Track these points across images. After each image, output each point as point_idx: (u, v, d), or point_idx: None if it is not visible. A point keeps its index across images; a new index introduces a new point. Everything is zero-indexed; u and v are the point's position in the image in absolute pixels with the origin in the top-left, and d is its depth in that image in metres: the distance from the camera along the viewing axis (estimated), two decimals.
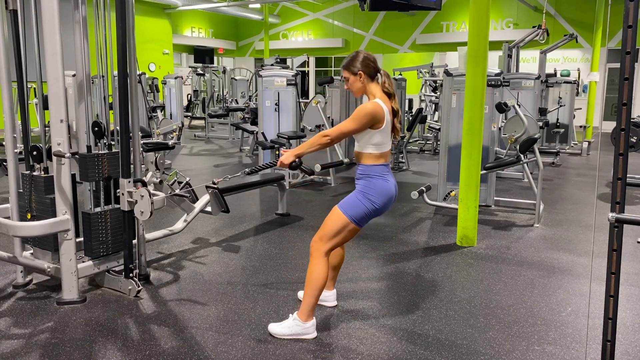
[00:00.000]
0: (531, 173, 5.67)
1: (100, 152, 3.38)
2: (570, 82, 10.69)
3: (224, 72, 16.47)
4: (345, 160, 6.88)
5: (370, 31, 19.57)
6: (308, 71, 21.20)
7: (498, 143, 6.57)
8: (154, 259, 4.10)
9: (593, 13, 13.21)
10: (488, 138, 5.72)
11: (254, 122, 8.99)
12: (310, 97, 10.23)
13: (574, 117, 10.88)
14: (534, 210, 5.40)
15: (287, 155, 2.82)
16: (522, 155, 5.36)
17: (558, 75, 12.26)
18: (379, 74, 2.80)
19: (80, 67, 3.34)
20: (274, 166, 2.94)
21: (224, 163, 9.12)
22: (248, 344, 2.78)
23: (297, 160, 2.83)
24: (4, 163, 4.17)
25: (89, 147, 3.36)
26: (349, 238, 2.85)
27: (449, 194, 5.61)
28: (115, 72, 3.32)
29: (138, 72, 5.01)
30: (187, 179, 4.13)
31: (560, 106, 10.40)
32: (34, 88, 8.28)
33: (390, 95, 2.80)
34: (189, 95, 16.48)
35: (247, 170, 3.44)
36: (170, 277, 3.75)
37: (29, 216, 3.35)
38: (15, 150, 3.39)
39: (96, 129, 3.35)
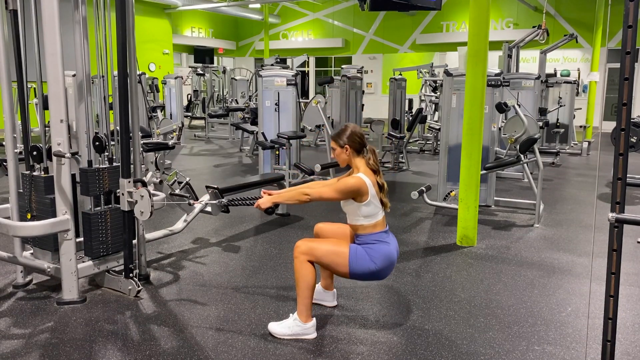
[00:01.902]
0: (531, 173, 5.67)
1: (101, 166, 3.37)
2: (570, 82, 10.69)
3: (224, 72, 16.48)
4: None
5: (370, 31, 19.57)
6: (308, 71, 21.20)
7: (498, 143, 6.58)
8: (154, 259, 4.10)
9: (593, 13, 13.21)
10: (488, 138, 5.72)
11: (254, 122, 8.99)
12: (310, 97, 10.23)
13: (574, 117, 10.88)
14: (534, 210, 5.40)
15: (265, 200, 2.90)
16: (522, 155, 5.36)
17: (558, 75, 12.26)
18: (365, 149, 2.89)
19: (80, 67, 3.33)
20: (252, 205, 3.03)
21: (224, 163, 9.12)
22: (248, 344, 2.78)
23: (272, 207, 2.94)
24: (4, 163, 4.17)
25: (90, 162, 3.36)
26: (330, 272, 2.93)
27: (449, 194, 5.61)
28: (115, 72, 3.32)
29: (138, 72, 5.01)
30: (187, 179, 4.13)
31: (560, 106, 10.40)
32: (34, 88, 8.27)
33: (375, 171, 2.87)
34: (189, 95, 16.48)
35: (224, 201, 3.52)
36: (170, 277, 3.75)
37: (29, 216, 3.35)
38: (15, 150, 3.39)
39: (97, 143, 3.35)
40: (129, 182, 3.17)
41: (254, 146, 9.52)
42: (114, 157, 3.45)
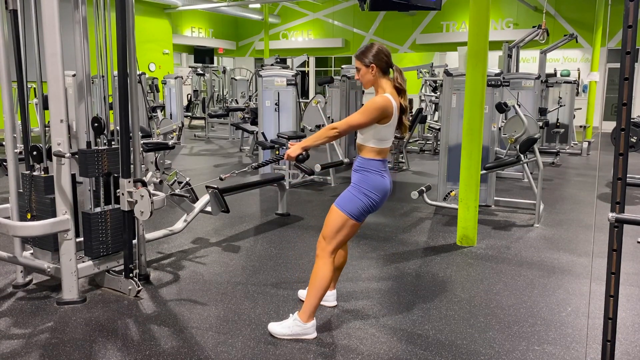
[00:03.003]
0: (531, 173, 5.67)
1: (100, 147, 3.37)
2: (570, 82, 10.69)
3: (224, 72, 16.48)
4: (345, 160, 6.88)
5: (370, 31, 19.57)
6: (308, 71, 21.20)
7: (498, 143, 6.57)
8: (154, 259, 4.10)
9: (593, 13, 13.21)
10: (488, 138, 5.72)
11: (254, 122, 9.00)
12: (310, 97, 10.23)
13: (574, 117, 10.88)
14: (534, 210, 5.40)
15: (294, 148, 2.79)
16: (522, 155, 5.36)
17: (558, 75, 12.26)
18: (391, 69, 2.77)
19: (80, 67, 3.34)
20: (281, 159, 2.94)
21: (224, 163, 9.12)
22: (248, 344, 2.78)
23: (304, 153, 2.81)
24: (4, 163, 4.17)
25: (88, 143, 3.36)
26: (351, 234, 2.85)
27: (449, 194, 5.61)
28: (115, 72, 3.32)
29: (138, 72, 5.01)
30: (187, 179, 4.13)
31: (560, 106, 10.40)
32: (34, 88, 8.27)
33: (400, 91, 2.77)
34: (189, 95, 16.48)
35: (254, 164, 3.45)
36: (170, 277, 3.75)
37: (29, 216, 3.35)
38: (15, 150, 3.39)
39: (96, 124, 3.35)
40: (129, 182, 3.17)
41: (254, 146, 9.52)
42: (113, 139, 3.44)
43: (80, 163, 3.30)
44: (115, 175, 3.37)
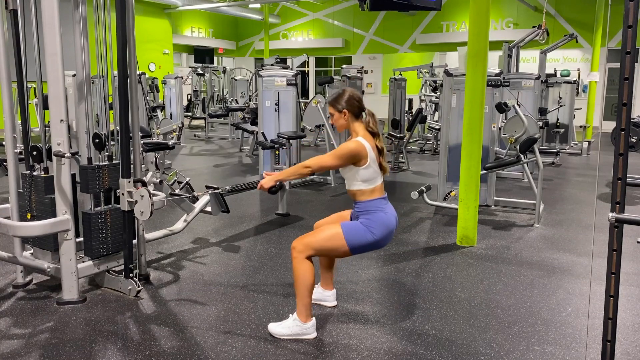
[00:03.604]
0: (531, 173, 5.67)
1: (100, 163, 3.37)
2: (570, 82, 10.69)
3: (224, 72, 16.48)
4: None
5: (370, 31, 19.57)
6: (308, 71, 21.20)
7: (498, 143, 6.58)
8: (154, 259, 4.10)
9: (593, 13, 13.20)
10: (488, 138, 5.72)
11: (254, 122, 9.00)
12: (310, 97, 10.23)
13: (574, 117, 10.88)
14: (534, 210, 5.40)
15: (268, 180, 2.89)
16: (522, 155, 5.36)
17: (558, 75, 12.26)
18: (363, 113, 2.86)
19: (80, 67, 3.34)
20: (255, 188, 3.01)
21: (224, 163, 9.12)
22: (248, 344, 2.78)
23: (276, 185, 2.92)
24: (4, 163, 4.17)
25: (89, 159, 3.36)
26: (334, 257, 2.89)
27: (449, 194, 5.61)
28: (115, 72, 3.32)
29: (138, 72, 5.01)
30: (187, 179, 4.13)
31: (560, 106, 10.40)
32: (34, 88, 8.27)
33: (374, 134, 2.84)
34: (189, 95, 16.48)
35: (227, 188, 3.50)
36: (170, 277, 3.75)
37: (29, 216, 3.35)
38: (15, 150, 3.39)
39: (97, 140, 3.35)
40: (129, 182, 3.17)
41: (254, 146, 9.52)
42: (114, 155, 3.44)
43: (81, 179, 3.31)
44: (116, 189, 3.36)
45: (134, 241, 3.51)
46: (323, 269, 3.21)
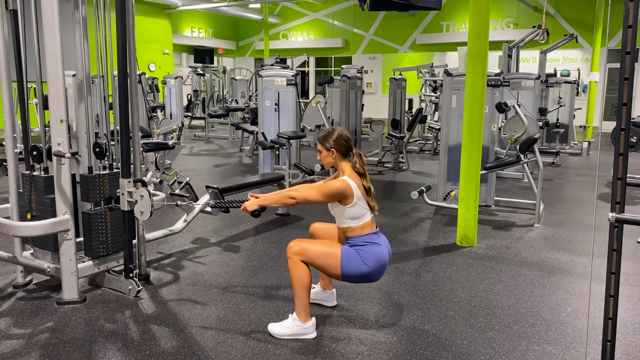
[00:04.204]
0: (531, 173, 5.67)
1: (101, 172, 3.37)
2: (570, 82, 10.69)
3: (224, 72, 16.47)
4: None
5: (370, 31, 19.58)
6: (308, 71, 21.20)
7: (498, 143, 6.58)
8: (154, 259, 4.10)
9: (593, 13, 13.21)
10: (488, 138, 5.72)
11: (254, 122, 9.00)
12: (310, 97, 10.23)
13: (574, 117, 10.88)
14: (534, 210, 5.40)
15: (251, 203, 2.91)
16: (522, 155, 5.36)
17: (558, 75, 12.26)
18: (351, 153, 2.88)
19: (80, 67, 3.34)
20: (238, 207, 3.04)
21: (224, 163, 9.12)
22: (248, 344, 2.78)
23: (259, 210, 2.96)
24: (4, 163, 4.17)
25: (90, 168, 3.37)
26: (322, 272, 2.92)
27: (449, 194, 5.61)
28: (115, 72, 3.32)
29: (138, 72, 5.01)
30: (187, 179, 4.13)
31: (560, 106, 10.40)
32: (34, 88, 8.27)
33: (361, 175, 2.86)
34: (189, 95, 16.48)
35: (212, 203, 3.52)
36: (170, 277, 3.75)
37: (29, 216, 3.35)
38: (15, 150, 3.39)
39: (97, 149, 3.35)
40: (129, 182, 3.17)
41: (254, 146, 9.52)
42: (114, 163, 3.45)
43: (81, 188, 3.31)
44: (117, 198, 3.36)
45: (134, 241, 3.51)
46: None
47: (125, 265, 3.35)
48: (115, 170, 3.41)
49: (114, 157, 3.46)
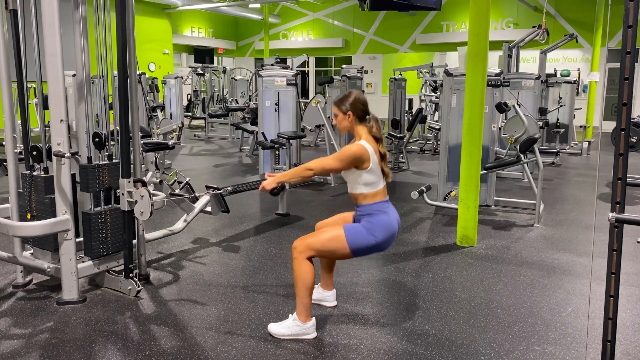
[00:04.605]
0: (531, 173, 5.67)
1: (100, 162, 3.37)
2: (570, 82, 10.69)
3: (224, 72, 16.48)
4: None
5: (370, 31, 19.57)
6: (308, 71, 21.20)
7: (498, 143, 6.58)
8: (154, 259, 4.10)
9: (593, 13, 13.21)
10: (488, 138, 5.72)
11: (254, 122, 9.00)
12: (310, 97, 10.23)
13: (574, 117, 10.88)
14: (534, 210, 5.40)
15: (269, 182, 2.86)
16: (522, 155, 5.36)
17: (558, 75, 12.26)
18: (368, 117, 2.85)
19: (80, 67, 3.33)
20: (256, 188, 3.00)
21: (224, 163, 9.12)
22: (248, 344, 2.78)
23: (278, 187, 2.90)
24: (4, 163, 4.17)
25: (89, 158, 3.37)
26: (335, 259, 2.88)
27: (449, 194, 5.61)
28: (115, 72, 3.32)
29: (138, 72, 5.01)
30: (187, 179, 4.13)
31: (560, 106, 10.40)
32: (34, 88, 8.27)
33: (377, 139, 2.84)
34: (189, 95, 16.48)
35: (229, 188, 3.48)
36: (170, 277, 3.75)
37: (29, 216, 3.35)
38: (15, 150, 3.39)
39: (97, 139, 3.35)
40: (129, 182, 3.17)
41: (254, 146, 9.52)
42: (114, 154, 3.44)
43: (81, 178, 3.31)
44: (116, 189, 3.37)
45: (134, 241, 3.51)
46: (323, 270, 3.21)
47: (125, 265, 3.35)
48: (115, 161, 3.41)
49: (114, 150, 3.46)
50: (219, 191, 3.49)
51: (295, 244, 2.80)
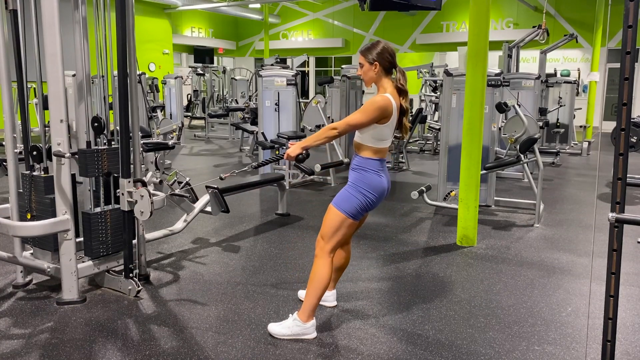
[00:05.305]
0: (531, 173, 5.67)
1: (99, 147, 3.37)
2: (570, 82, 10.69)
3: (224, 72, 16.48)
4: (345, 160, 6.88)
5: (370, 31, 19.56)
6: (308, 71, 21.20)
7: (498, 143, 6.57)
8: (154, 259, 4.10)
9: (593, 13, 13.21)
10: (488, 138, 5.72)
11: (254, 122, 9.00)
12: (310, 97, 10.23)
13: (574, 117, 10.88)
14: (534, 210, 5.40)
15: (294, 148, 2.78)
16: (522, 155, 5.36)
17: (558, 75, 12.26)
18: (394, 69, 2.75)
19: (80, 67, 3.34)
20: (281, 159, 2.94)
21: (224, 163, 9.12)
22: (248, 344, 2.78)
23: (304, 152, 2.81)
24: (4, 163, 4.17)
25: (88, 143, 3.36)
26: (349, 234, 2.84)
27: (449, 194, 5.61)
28: (115, 72, 3.32)
29: (138, 72, 5.01)
30: (187, 179, 4.13)
31: (560, 106, 10.40)
32: (34, 88, 8.27)
33: (402, 92, 2.76)
34: (189, 95, 16.48)
35: (254, 164, 3.46)
36: (170, 277, 3.75)
37: (29, 216, 3.35)
38: (15, 150, 3.39)
39: (96, 124, 3.35)
40: (129, 182, 3.17)
41: (254, 146, 9.52)
42: (113, 138, 3.44)
43: (80, 163, 3.30)
44: (115, 175, 3.37)
45: (134, 241, 3.51)
46: (334, 269, 3.19)
47: (125, 265, 3.35)
48: (114, 146, 3.40)
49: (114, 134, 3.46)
50: (251, 164, 3.43)
51: (318, 239, 2.82)
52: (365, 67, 2.75)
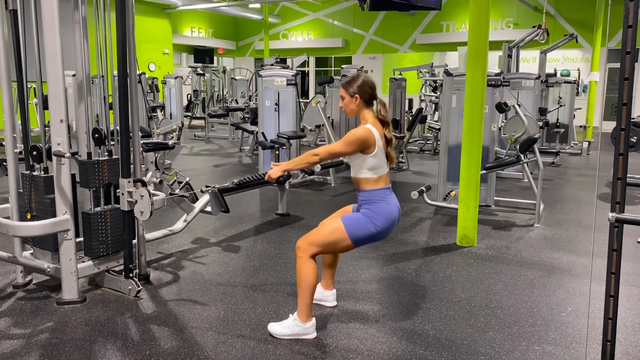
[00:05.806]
0: (531, 173, 5.67)
1: (100, 158, 3.37)
2: (570, 82, 10.68)
3: (224, 72, 16.47)
4: (345, 160, 6.88)
5: (370, 31, 19.57)
6: (308, 71, 21.20)
7: (498, 143, 6.57)
8: (154, 259, 4.10)
9: (593, 13, 13.21)
10: (488, 138, 5.72)
11: (254, 122, 9.00)
12: (310, 97, 10.23)
13: (574, 117, 10.88)
14: (534, 210, 5.40)
15: (275, 170, 2.84)
16: (522, 155, 5.36)
17: (558, 75, 12.26)
18: (375, 101, 2.83)
19: (80, 67, 3.33)
20: (262, 179, 2.98)
21: (224, 163, 9.12)
22: (248, 344, 2.78)
23: (283, 176, 2.87)
24: (4, 163, 4.17)
25: (89, 154, 3.37)
26: (339, 252, 2.87)
27: (449, 194, 5.61)
28: (115, 72, 3.32)
29: (138, 72, 5.01)
30: (187, 179, 4.13)
31: (560, 106, 10.40)
32: (34, 88, 8.27)
33: (384, 123, 2.82)
34: (189, 95, 16.48)
35: (235, 181, 3.47)
36: (170, 277, 3.75)
37: (29, 216, 3.35)
38: (15, 150, 3.39)
39: (96, 135, 3.35)
40: (129, 182, 3.17)
41: (254, 146, 9.52)
42: (113, 144, 3.44)
43: (80, 174, 3.31)
44: (116, 185, 3.37)
45: (134, 241, 3.51)
46: (325, 269, 3.21)
47: (125, 265, 3.35)
48: (114, 157, 3.40)
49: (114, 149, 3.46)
50: (233, 181, 3.45)
51: (299, 243, 2.80)
52: (347, 100, 2.83)
